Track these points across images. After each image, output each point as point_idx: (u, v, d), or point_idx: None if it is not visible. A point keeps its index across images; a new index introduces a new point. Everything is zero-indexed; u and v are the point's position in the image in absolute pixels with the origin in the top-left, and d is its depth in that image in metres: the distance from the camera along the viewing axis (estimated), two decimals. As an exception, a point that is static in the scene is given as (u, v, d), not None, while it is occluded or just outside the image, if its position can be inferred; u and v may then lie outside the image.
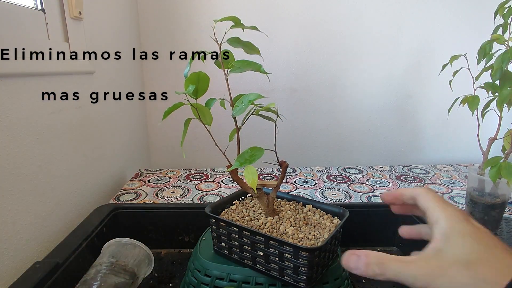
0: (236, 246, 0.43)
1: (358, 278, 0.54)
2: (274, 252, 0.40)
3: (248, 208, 0.49)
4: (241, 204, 0.51)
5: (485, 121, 0.61)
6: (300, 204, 0.51)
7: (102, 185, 0.80)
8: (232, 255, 0.44)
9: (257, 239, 0.41)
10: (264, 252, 0.41)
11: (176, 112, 0.41)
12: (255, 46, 0.43)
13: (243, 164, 0.39)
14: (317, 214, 0.48)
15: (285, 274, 0.40)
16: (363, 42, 1.08)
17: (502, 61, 0.55)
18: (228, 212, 0.48)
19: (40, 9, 0.59)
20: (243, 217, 0.46)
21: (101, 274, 0.45)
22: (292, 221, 0.45)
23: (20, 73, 0.52)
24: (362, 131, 1.17)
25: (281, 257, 0.39)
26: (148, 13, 1.03)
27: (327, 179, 0.92)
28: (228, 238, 0.44)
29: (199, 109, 0.41)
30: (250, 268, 0.43)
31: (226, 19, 0.39)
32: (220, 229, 0.44)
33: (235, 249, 0.44)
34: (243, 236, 0.42)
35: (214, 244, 0.46)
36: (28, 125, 0.54)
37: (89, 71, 0.73)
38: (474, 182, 0.63)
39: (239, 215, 0.47)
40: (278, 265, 0.40)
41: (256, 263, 0.42)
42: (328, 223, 0.45)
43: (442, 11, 1.06)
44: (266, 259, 0.41)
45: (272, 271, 0.41)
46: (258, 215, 0.47)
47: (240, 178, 0.45)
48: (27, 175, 0.53)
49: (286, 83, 1.11)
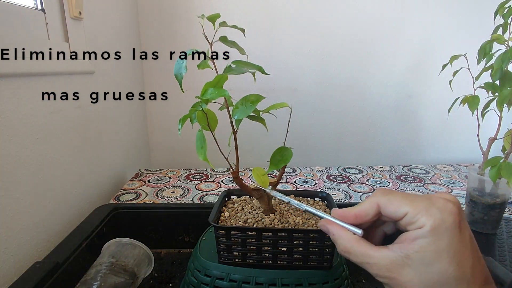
0: (253, 251, 0.42)
1: (358, 278, 0.54)
2: (298, 243, 0.41)
3: (241, 212, 0.48)
4: (230, 210, 0.48)
5: (485, 121, 0.61)
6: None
7: (102, 185, 0.80)
8: (247, 261, 0.43)
9: (279, 236, 0.41)
10: (288, 247, 0.41)
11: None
12: (239, 45, 0.42)
13: (278, 166, 0.41)
14: (305, 201, 0.50)
15: (309, 260, 0.42)
16: (363, 42, 1.08)
17: (502, 61, 0.55)
18: (226, 221, 0.46)
19: (40, 9, 0.59)
20: (246, 220, 0.45)
21: (101, 274, 0.45)
22: (293, 212, 0.47)
23: (20, 73, 0.52)
24: (362, 131, 1.17)
25: (306, 245, 0.41)
26: (148, 13, 1.03)
27: (327, 179, 0.92)
28: (243, 245, 0.42)
29: (209, 115, 0.39)
30: (269, 268, 0.42)
31: (210, 17, 0.38)
32: (232, 239, 0.42)
33: (252, 254, 0.42)
34: (262, 238, 0.41)
35: (222, 257, 0.43)
36: (28, 125, 0.54)
37: (89, 71, 0.73)
38: (474, 182, 0.63)
39: (241, 220, 0.46)
40: (302, 254, 0.41)
41: (278, 260, 0.42)
42: (319, 206, 0.48)
43: (442, 11, 1.06)
44: (290, 252, 0.42)
45: (296, 261, 0.42)
46: (258, 215, 0.46)
47: (244, 183, 0.44)
48: (27, 175, 0.53)
49: (286, 84, 1.11)
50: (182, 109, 1.01)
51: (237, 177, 0.42)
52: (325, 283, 0.42)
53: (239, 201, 0.50)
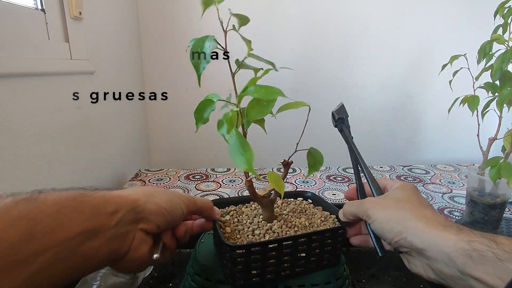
0: (272, 264, 0.39)
1: (358, 278, 0.54)
2: (316, 246, 0.41)
3: (240, 224, 0.44)
4: (227, 223, 0.44)
5: (485, 121, 0.61)
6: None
7: (102, 185, 0.80)
8: (266, 276, 0.39)
9: (299, 242, 0.39)
10: (307, 252, 0.40)
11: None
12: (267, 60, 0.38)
13: (317, 167, 0.44)
14: (292, 203, 0.51)
15: (324, 259, 0.42)
16: (363, 42, 1.08)
17: (502, 61, 0.55)
18: (233, 237, 0.41)
19: (40, 9, 0.59)
20: (253, 232, 0.42)
21: (101, 274, 0.45)
22: (294, 215, 0.47)
23: (20, 73, 0.52)
24: (362, 131, 1.17)
25: (322, 246, 0.41)
26: (148, 13, 1.03)
27: (327, 179, 0.92)
28: (263, 261, 0.38)
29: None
30: (287, 278, 0.41)
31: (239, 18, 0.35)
32: (252, 256, 0.37)
33: (271, 268, 0.39)
34: (283, 248, 0.38)
35: (238, 279, 0.38)
36: (28, 125, 0.54)
37: (89, 71, 0.73)
38: (474, 182, 0.63)
39: (247, 232, 0.42)
40: (318, 256, 0.41)
41: (296, 267, 0.41)
42: (312, 208, 0.50)
43: (442, 11, 1.06)
44: (308, 257, 0.41)
45: (311, 264, 0.42)
46: (262, 224, 0.43)
47: (255, 190, 0.42)
48: (27, 175, 0.53)
49: (286, 84, 1.11)
50: (182, 109, 1.02)
51: (251, 186, 0.41)
52: (327, 283, 0.42)
53: (228, 212, 0.47)
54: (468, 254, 0.29)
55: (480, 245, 0.29)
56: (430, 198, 0.79)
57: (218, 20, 0.32)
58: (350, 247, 0.61)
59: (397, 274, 0.56)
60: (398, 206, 0.36)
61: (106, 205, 0.31)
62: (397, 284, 0.54)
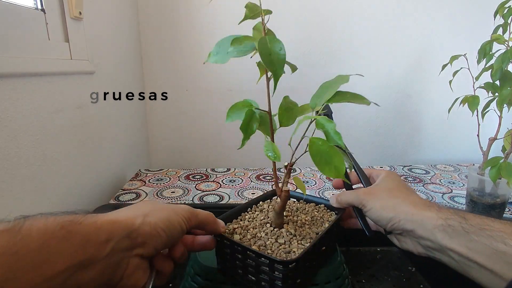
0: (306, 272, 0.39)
1: (358, 278, 0.54)
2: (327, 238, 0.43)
3: (245, 233, 0.42)
4: (234, 234, 0.42)
5: (485, 121, 0.61)
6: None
7: (102, 185, 0.80)
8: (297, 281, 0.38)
9: (319, 245, 0.40)
10: (318, 248, 0.42)
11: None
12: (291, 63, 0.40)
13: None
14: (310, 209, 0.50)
15: (330, 255, 0.46)
16: (363, 41, 1.08)
17: (502, 61, 0.55)
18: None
19: (40, 9, 0.59)
20: (265, 244, 0.39)
21: None
22: (298, 215, 0.47)
23: (20, 73, 0.51)
24: (362, 131, 1.17)
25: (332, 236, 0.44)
26: (148, 13, 1.03)
27: (327, 179, 0.92)
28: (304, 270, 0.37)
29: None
30: None
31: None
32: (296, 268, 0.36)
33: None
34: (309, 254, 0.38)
35: None
36: (28, 125, 0.54)
37: (89, 71, 0.73)
38: (474, 182, 0.63)
39: (259, 242, 0.40)
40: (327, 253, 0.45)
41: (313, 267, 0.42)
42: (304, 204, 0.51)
43: (442, 11, 1.06)
44: (319, 253, 0.43)
45: (321, 258, 0.44)
46: (274, 233, 0.41)
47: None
48: (27, 175, 0.53)
49: (286, 84, 1.11)
50: (182, 109, 1.02)
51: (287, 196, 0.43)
52: (327, 283, 0.42)
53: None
54: (445, 229, 0.35)
55: (453, 222, 0.35)
56: (430, 198, 0.79)
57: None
58: (350, 247, 0.61)
59: (397, 274, 0.56)
60: (391, 195, 0.42)
61: (98, 233, 0.28)
62: (397, 284, 0.54)
